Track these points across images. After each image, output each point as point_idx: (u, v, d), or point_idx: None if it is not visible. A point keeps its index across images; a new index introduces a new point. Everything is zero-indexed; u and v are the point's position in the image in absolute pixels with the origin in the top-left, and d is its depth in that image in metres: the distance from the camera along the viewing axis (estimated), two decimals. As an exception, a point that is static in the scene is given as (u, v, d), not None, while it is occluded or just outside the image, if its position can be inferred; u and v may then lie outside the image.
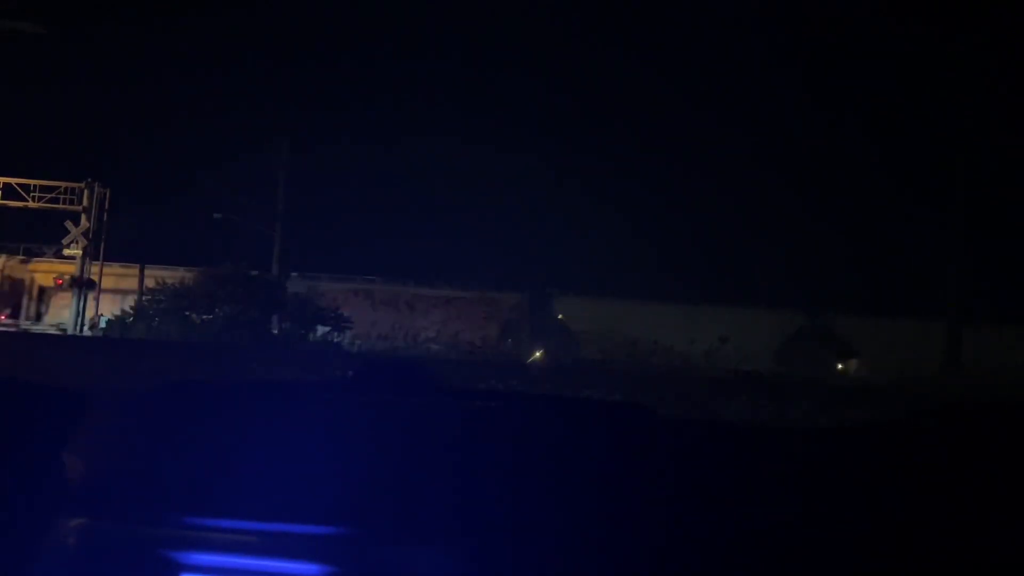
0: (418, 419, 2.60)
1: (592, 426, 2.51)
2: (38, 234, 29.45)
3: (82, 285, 27.59)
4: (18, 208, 27.81)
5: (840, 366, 24.16)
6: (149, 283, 25.81)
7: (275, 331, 22.89)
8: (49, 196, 28.04)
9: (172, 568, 2.13)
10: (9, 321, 29.06)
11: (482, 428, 2.47)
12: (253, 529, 2.12)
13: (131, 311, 23.92)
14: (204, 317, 22.47)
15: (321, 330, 23.15)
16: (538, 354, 20.93)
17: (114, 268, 29.22)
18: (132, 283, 28.07)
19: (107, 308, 26.95)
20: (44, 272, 30.34)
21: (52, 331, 24.41)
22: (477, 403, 2.73)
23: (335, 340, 22.76)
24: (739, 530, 2.17)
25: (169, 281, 24.55)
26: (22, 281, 31.74)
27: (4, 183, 27.51)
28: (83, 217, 28.19)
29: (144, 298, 24.89)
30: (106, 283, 28.74)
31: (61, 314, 28.49)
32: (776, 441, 2.53)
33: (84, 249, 28.09)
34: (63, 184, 28.18)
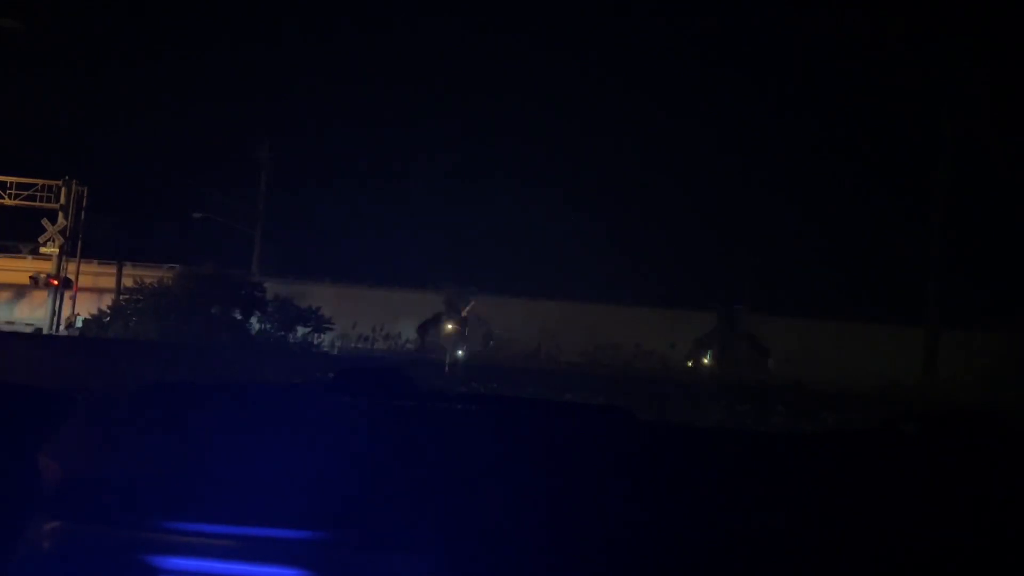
0: (397, 423, 2.59)
1: (571, 430, 2.51)
2: (15, 232, 29.12)
3: (65, 284, 27.30)
4: (-6, 205, 27.51)
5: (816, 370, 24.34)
6: (127, 282, 25.57)
7: (254, 332, 22.74)
8: (26, 194, 27.74)
9: (150, 572, 2.10)
10: None
11: (460, 432, 2.46)
12: (231, 533, 2.10)
13: (108, 311, 23.69)
14: (183, 317, 22.28)
15: (301, 331, 23.03)
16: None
17: (92, 266, 28.93)
18: (110, 282, 27.78)
19: (84, 307, 26.67)
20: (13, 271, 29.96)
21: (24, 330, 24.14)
22: (455, 407, 2.72)
23: (315, 341, 22.65)
24: (718, 533, 2.17)
25: (147, 280, 24.33)
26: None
27: (-20, 180, 27.21)
28: (60, 215, 27.91)
29: (122, 297, 24.66)
30: (83, 282, 28.45)
31: (35, 314, 28.16)
32: (756, 445, 2.54)
33: (61, 247, 27.80)
34: (40, 182, 27.89)
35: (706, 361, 24.03)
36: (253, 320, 22.95)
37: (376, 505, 2.21)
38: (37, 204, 27.86)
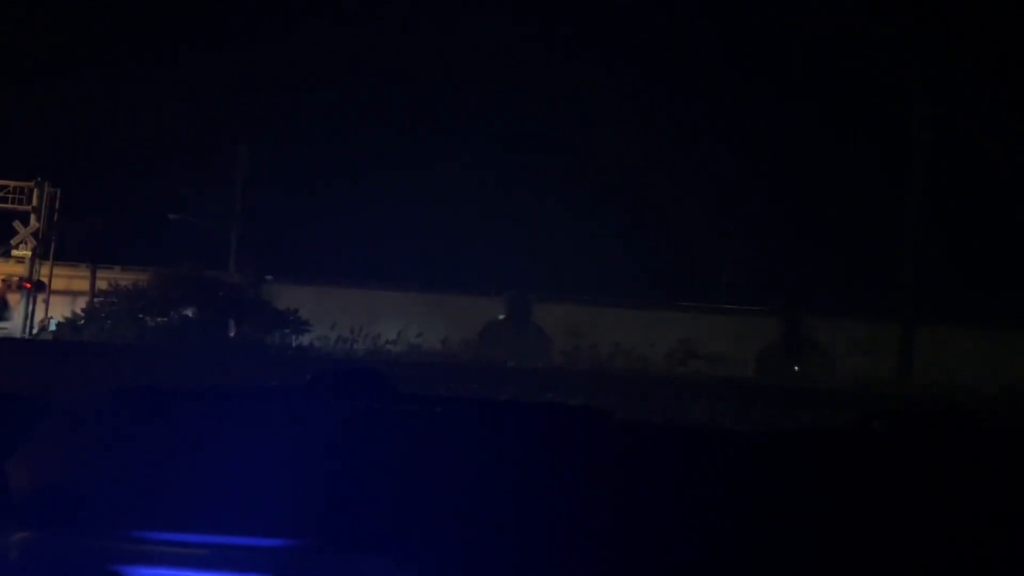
0: (374, 426, 2.56)
1: (551, 431, 2.50)
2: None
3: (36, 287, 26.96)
4: (-36, 208, 27.09)
5: (796, 368, 24.52)
6: (101, 285, 25.31)
7: (231, 334, 22.57)
8: (-3, 196, 27.38)
9: (120, 582, 2.06)
10: None
11: (438, 435, 2.44)
12: (205, 542, 2.07)
13: (82, 313, 23.42)
14: (158, 320, 22.08)
15: (279, 333, 22.89)
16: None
17: (65, 269, 28.59)
18: (84, 285, 27.46)
19: (57, 310, 26.35)
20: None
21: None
22: (433, 409, 2.70)
23: (293, 343, 22.52)
24: (696, 533, 2.17)
25: (122, 283, 24.10)
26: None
27: (-50, 182, 26.80)
28: (32, 217, 27.55)
29: (96, 300, 24.40)
30: (56, 284, 28.11)
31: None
32: (731, 445, 2.54)
33: (33, 250, 27.46)
34: (12, 183, 27.52)
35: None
36: (230, 322, 22.78)
37: (352, 510, 2.19)
38: (9, 206, 27.49)
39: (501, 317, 26.76)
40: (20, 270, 27.42)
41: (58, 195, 27.53)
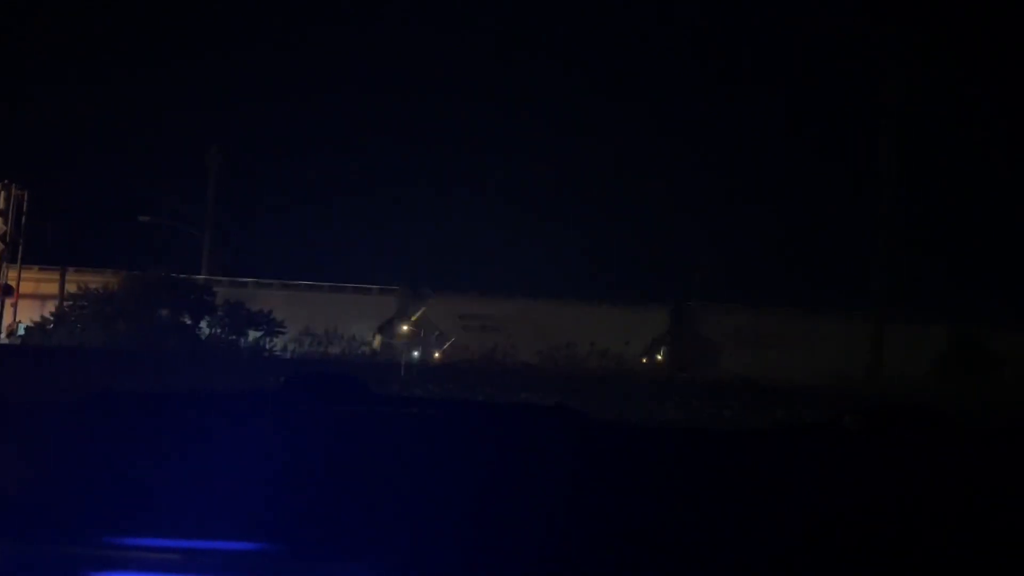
0: (345, 429, 2.56)
1: (521, 431, 2.51)
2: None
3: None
4: (-72, 211, 26.59)
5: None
6: (71, 288, 24.95)
7: (204, 337, 22.37)
8: (-38, 198, 26.90)
9: (90, 589, 2.05)
10: None
11: (409, 437, 2.45)
12: (174, 547, 2.05)
13: (52, 317, 23.10)
14: (130, 323, 21.84)
15: (253, 335, 22.72)
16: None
17: (33, 272, 28.17)
18: (53, 288, 27.08)
19: (26, 314, 25.97)
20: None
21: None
22: (405, 411, 2.70)
23: (267, 346, 22.37)
24: (668, 529, 2.19)
25: (92, 286, 23.79)
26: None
27: (-87, 184, 26.30)
28: (-1, 220, 27.10)
29: (66, 303, 24.07)
30: (25, 288, 27.68)
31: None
32: (702, 442, 2.57)
33: (0, 253, 27.03)
34: (-23, 185, 27.03)
35: (660, 358, 24.26)
36: (203, 325, 22.58)
37: (324, 513, 2.18)
38: (-25, 209, 27.00)
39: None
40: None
41: (25, 197, 27.11)
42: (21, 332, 24.86)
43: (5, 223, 26.98)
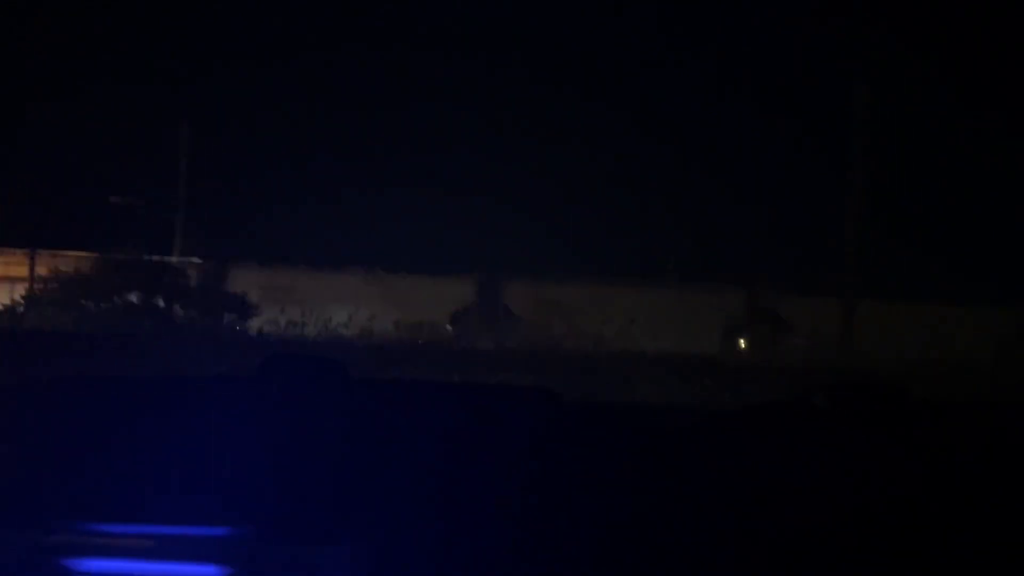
0: (322, 413, 2.56)
1: (498, 414, 2.52)
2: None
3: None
4: None
5: (742, 343, 24.96)
6: (41, 271, 24.62)
7: (178, 320, 22.17)
8: (-73, 179, 26.39)
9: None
10: None
11: (382, 420, 2.45)
12: (148, 533, 2.05)
13: (21, 300, 22.79)
14: (101, 306, 21.59)
15: (227, 318, 22.55)
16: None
17: (2, 255, 27.75)
18: (22, 271, 26.70)
19: (-5, 297, 25.60)
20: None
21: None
22: (381, 394, 2.70)
23: (242, 328, 22.21)
24: (636, 513, 2.21)
25: (63, 268, 23.49)
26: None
27: None
28: (-34, 201, 26.59)
29: (36, 286, 23.75)
30: (-6, 271, 27.27)
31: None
32: (676, 422, 2.60)
33: (-32, 235, 26.55)
34: (-58, 166, 26.52)
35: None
36: (176, 307, 22.37)
37: (297, 497, 2.19)
38: (-60, 190, 26.50)
39: (469, 302, 26.71)
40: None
41: (-7, 178, 26.61)
42: (-10, 315, 24.53)
43: (-29, 204, 26.49)
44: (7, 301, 23.48)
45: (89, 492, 2.20)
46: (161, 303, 22.14)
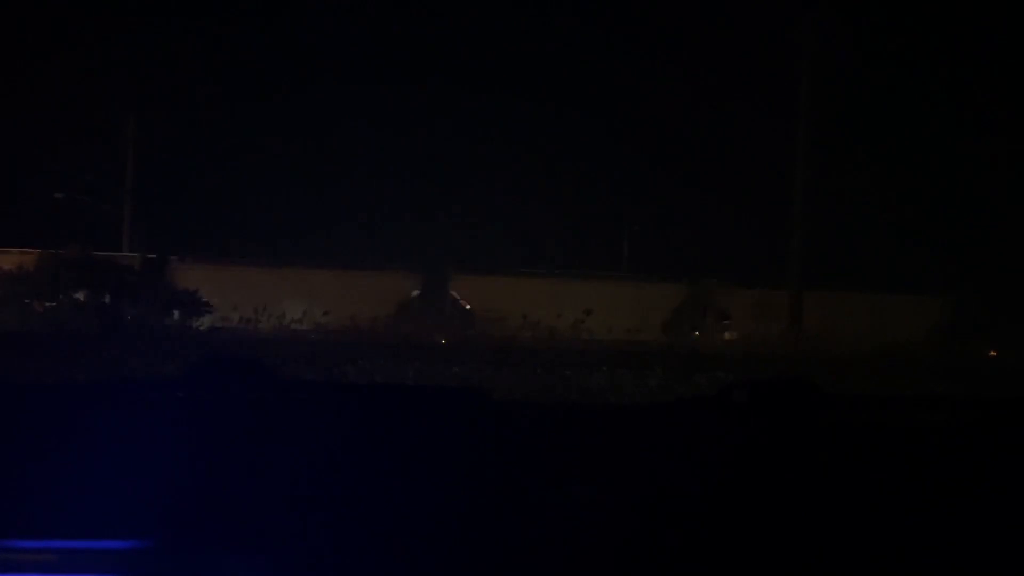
0: (247, 416, 2.51)
1: (422, 417, 2.50)
2: None
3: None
4: None
5: (696, 334, 25.25)
6: (-16, 269, 23.96)
7: (128, 317, 21.75)
8: None
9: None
10: None
11: (306, 423, 2.41)
12: (52, 547, 1.99)
13: (-38, 299, 22.17)
14: (47, 304, 21.10)
15: (178, 315, 22.17)
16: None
17: (-59, 253, 26.93)
18: (-36, 269, 25.94)
19: (-65, 298, 24.82)
20: None
21: None
22: (306, 396, 2.66)
23: (193, 325, 21.86)
24: (557, 509, 2.21)
25: (5, 266, 22.91)
26: None
27: None
28: (-97, 198, 25.73)
29: (-23, 285, 23.11)
30: (-68, 270, 26.44)
31: None
32: (594, 419, 2.60)
33: (-95, 233, 25.70)
34: None
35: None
36: (124, 305, 21.95)
37: (212, 505, 2.14)
38: None
39: (416, 293, 26.69)
40: None
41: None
42: (-70, 316, 23.79)
43: (-92, 202, 25.62)
44: (-54, 301, 22.80)
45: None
46: (109, 301, 21.69)
